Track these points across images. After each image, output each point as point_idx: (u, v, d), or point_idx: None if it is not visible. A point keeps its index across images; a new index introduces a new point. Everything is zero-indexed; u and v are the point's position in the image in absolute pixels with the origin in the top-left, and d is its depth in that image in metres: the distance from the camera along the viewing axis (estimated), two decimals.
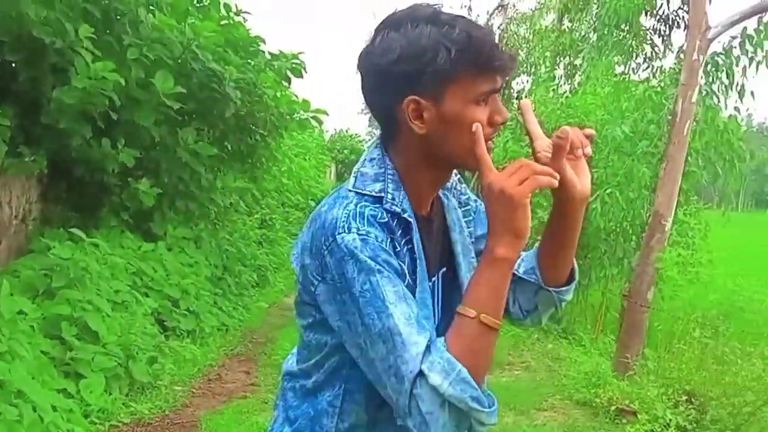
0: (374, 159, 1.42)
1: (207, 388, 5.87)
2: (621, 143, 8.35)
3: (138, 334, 5.51)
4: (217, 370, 6.38)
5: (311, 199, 18.48)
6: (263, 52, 8.70)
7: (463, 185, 1.63)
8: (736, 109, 7.99)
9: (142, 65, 6.46)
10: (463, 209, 1.60)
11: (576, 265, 1.63)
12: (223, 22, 7.99)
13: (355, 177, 1.40)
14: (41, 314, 4.94)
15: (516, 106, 13.55)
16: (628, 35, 10.28)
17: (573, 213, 1.51)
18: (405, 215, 1.36)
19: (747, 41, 7.44)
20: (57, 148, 6.46)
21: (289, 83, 9.25)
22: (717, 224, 9.09)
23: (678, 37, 10.08)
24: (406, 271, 1.34)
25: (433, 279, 1.46)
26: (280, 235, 12.99)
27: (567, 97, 11.15)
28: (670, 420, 5.09)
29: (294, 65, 8.99)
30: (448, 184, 1.55)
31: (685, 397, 5.36)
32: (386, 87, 1.35)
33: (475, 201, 1.64)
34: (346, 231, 1.28)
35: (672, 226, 7.07)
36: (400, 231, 1.35)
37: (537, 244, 1.63)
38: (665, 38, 10.29)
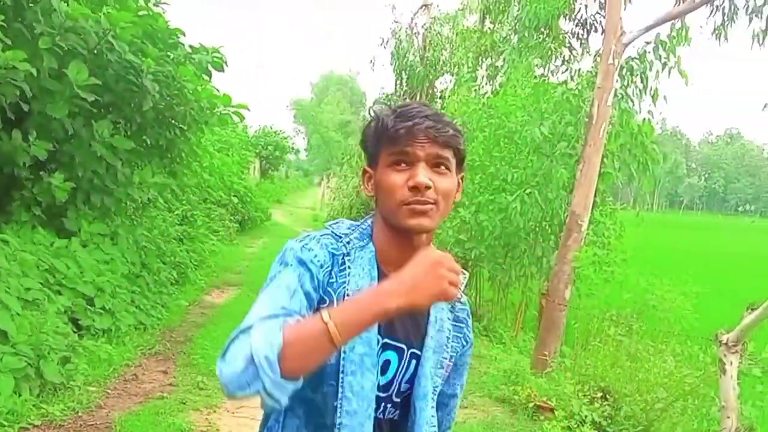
0: (362, 219, 1.66)
1: (123, 389, 5.69)
2: (540, 144, 8.51)
3: (50, 334, 5.30)
4: (134, 369, 6.20)
5: (234, 195, 18.24)
6: (183, 44, 8.51)
7: (466, 310, 1.76)
8: (650, 112, 8.26)
9: (55, 55, 6.23)
10: (454, 324, 1.71)
11: None
12: (141, 13, 7.75)
13: (331, 227, 1.64)
14: None
15: (440, 105, 13.67)
16: (547, 38, 10.49)
17: None
18: (349, 252, 1.57)
19: (660, 47, 7.69)
20: None
21: (210, 77, 9.09)
22: (632, 224, 9.36)
23: (595, 40, 10.36)
24: (335, 298, 1.51)
25: (399, 344, 1.57)
26: (202, 232, 12.76)
27: (488, 97, 11.29)
28: (586, 416, 5.21)
29: (215, 58, 8.82)
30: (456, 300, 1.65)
31: (600, 394, 5.50)
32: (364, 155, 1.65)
33: (469, 339, 1.77)
34: (298, 242, 1.56)
35: (588, 226, 7.26)
36: (342, 266, 1.54)
37: None
38: (583, 41, 10.55)
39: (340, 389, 1.49)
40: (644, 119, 8.31)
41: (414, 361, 1.59)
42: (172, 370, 6.35)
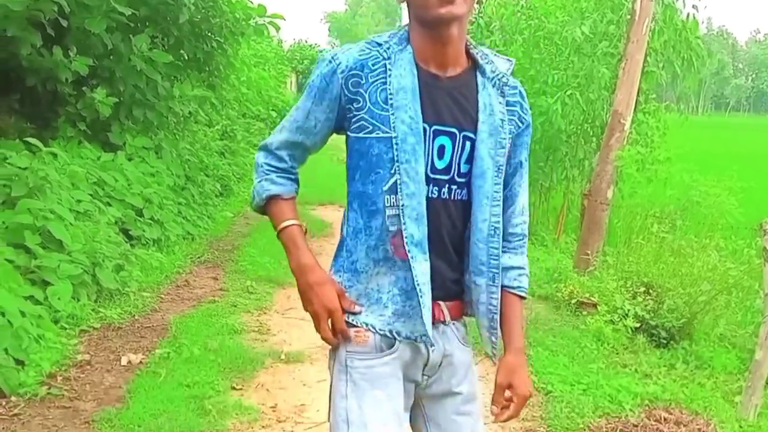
0: (397, 28, 1.80)
1: (175, 294, 5.90)
2: (581, 44, 8.33)
3: (103, 243, 5.47)
4: (185, 276, 6.40)
5: (272, 110, 18.25)
6: None
7: (518, 87, 1.84)
8: (694, 7, 8.00)
9: None
10: (508, 108, 1.79)
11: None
12: None
13: (378, 35, 1.78)
14: (2, 223, 4.88)
15: (477, 9, 13.35)
16: None
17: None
18: (389, 57, 1.70)
19: None
20: (6, 57, 6.25)
21: None
22: (677, 125, 9.20)
23: None
24: (371, 106, 1.69)
25: (451, 129, 1.72)
26: (242, 146, 12.85)
27: None
28: (629, 310, 5.26)
29: None
30: (497, 72, 1.79)
31: (642, 289, 5.52)
32: None
33: (525, 120, 1.86)
34: (330, 55, 1.75)
35: (631, 125, 7.15)
36: (378, 68, 1.69)
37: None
38: None
39: (397, 176, 1.66)
40: (688, 14, 8.06)
41: (468, 143, 1.74)
42: (221, 276, 6.53)
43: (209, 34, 8.66)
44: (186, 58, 8.67)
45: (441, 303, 1.78)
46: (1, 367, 3.78)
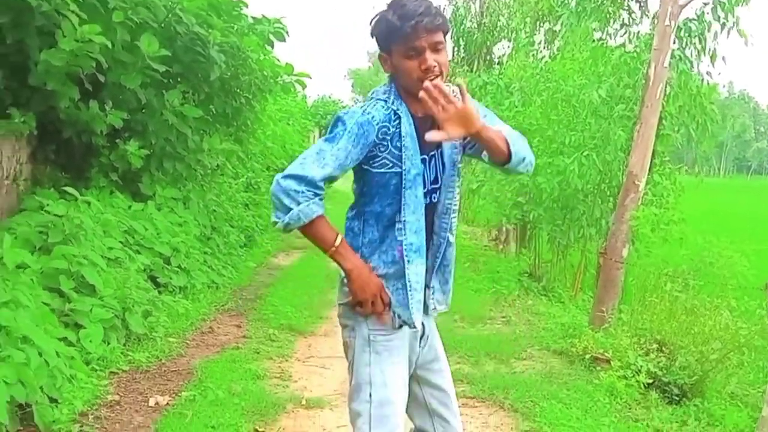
0: (384, 85, 2.35)
1: (200, 340, 6.09)
2: (598, 107, 8.56)
3: (132, 289, 5.69)
4: (209, 323, 6.60)
5: None
6: (246, 15, 8.82)
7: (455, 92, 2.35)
8: (708, 73, 8.22)
9: (127, 28, 6.55)
10: None
11: (510, 147, 2.33)
12: None
13: (371, 93, 2.35)
14: (39, 268, 5.11)
15: (497, 71, 13.70)
16: (606, 1, 10.43)
17: (477, 140, 2.29)
18: (399, 111, 2.25)
19: (718, 7, 7.66)
20: (45, 109, 6.56)
21: (272, 47, 9.38)
22: (694, 188, 9.37)
23: (654, 2, 10.25)
24: (392, 149, 2.25)
25: (432, 154, 2.34)
26: (266, 198, 13.12)
27: (546, 62, 11.32)
28: (641, 366, 5.37)
29: (276, 29, 9.14)
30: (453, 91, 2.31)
31: (655, 346, 5.64)
32: (377, 47, 2.31)
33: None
34: (360, 109, 2.25)
35: (646, 186, 7.33)
36: (395, 121, 2.25)
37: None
38: (642, 4, 10.44)
39: (402, 199, 2.27)
40: (702, 80, 8.28)
41: (442, 156, 2.37)
42: (244, 324, 6.72)
43: (238, 90, 9.00)
44: (215, 112, 8.99)
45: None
46: (37, 404, 3.96)
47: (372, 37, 2.28)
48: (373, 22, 2.25)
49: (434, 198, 2.35)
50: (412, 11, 2.13)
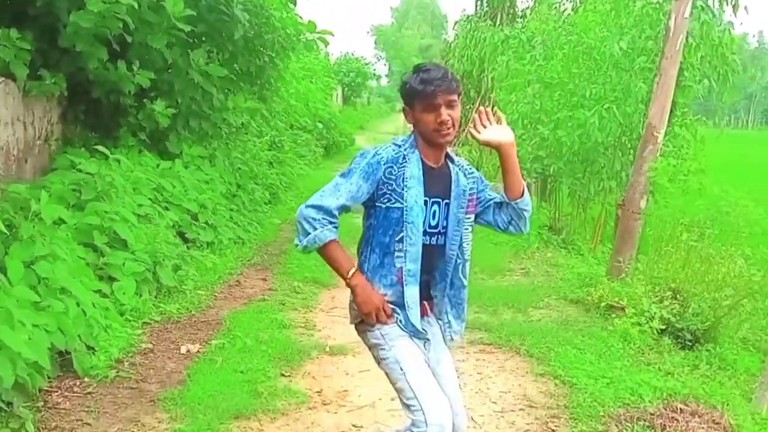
0: (406, 134, 2.76)
1: (228, 293, 6.34)
2: (619, 59, 8.56)
3: (162, 244, 5.93)
4: (236, 277, 6.84)
5: (318, 121, 18.72)
6: None
7: (473, 169, 2.84)
8: (730, 23, 8.18)
9: None
10: (468, 178, 2.76)
11: (525, 186, 2.76)
12: None
13: (393, 138, 2.77)
14: (74, 224, 5.34)
15: (520, 25, 13.65)
16: None
17: (504, 157, 2.68)
18: (407, 155, 2.63)
19: None
20: (75, 70, 6.74)
21: (295, 5, 9.47)
22: (724, 139, 9.35)
23: None
24: (395, 186, 2.60)
25: (436, 201, 2.68)
26: (290, 156, 13.33)
27: (568, 15, 11.27)
28: (655, 313, 5.52)
29: None
30: (461, 164, 2.78)
31: (670, 294, 5.78)
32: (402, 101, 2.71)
33: (478, 175, 2.85)
34: (373, 149, 2.66)
35: (665, 138, 7.38)
36: (403, 163, 2.62)
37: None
38: None
39: (404, 230, 2.61)
40: (725, 30, 8.25)
41: (446, 206, 2.71)
42: (270, 277, 6.95)
43: (262, 49, 9.12)
44: (239, 71, 9.13)
45: (425, 303, 2.76)
46: (76, 351, 4.22)
47: (399, 93, 2.73)
48: (401, 83, 2.68)
49: (434, 241, 2.69)
50: (433, 77, 2.55)
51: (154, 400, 3.99)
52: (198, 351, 4.81)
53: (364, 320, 2.67)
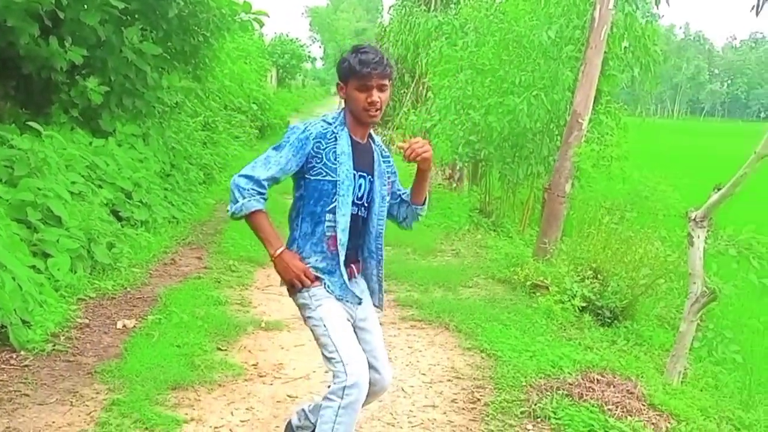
0: (337, 110, 2.93)
1: (163, 271, 6.38)
2: (547, 48, 8.83)
3: (96, 221, 5.93)
4: (171, 255, 6.88)
5: (253, 103, 18.64)
6: None
7: (388, 153, 3.05)
8: (654, 15, 8.54)
9: None
10: (384, 159, 2.98)
11: (428, 196, 3.08)
12: None
13: (323, 115, 2.91)
14: (7, 200, 5.31)
15: (453, 11, 13.83)
16: None
17: (421, 172, 2.92)
18: (337, 132, 2.81)
19: None
20: (5, 45, 6.66)
21: None
22: (650, 129, 9.74)
23: None
24: (326, 161, 2.77)
25: (362, 175, 2.86)
26: (224, 137, 13.29)
27: (500, 3, 11.50)
28: (577, 291, 5.81)
29: None
30: (380, 145, 2.99)
31: (591, 273, 6.07)
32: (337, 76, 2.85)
33: (392, 162, 3.07)
34: (302, 125, 2.81)
35: (589, 124, 7.69)
36: (332, 139, 2.80)
37: (411, 185, 3.04)
38: None
39: (336, 202, 2.78)
40: (647, 22, 8.61)
41: (370, 181, 2.91)
42: (205, 256, 7.01)
43: (196, 28, 9.08)
44: (174, 50, 9.10)
45: (353, 265, 2.94)
46: (12, 325, 4.24)
47: (336, 69, 2.85)
48: (340, 60, 2.80)
49: (360, 212, 2.89)
50: (370, 59, 2.71)
51: (92, 372, 4.05)
52: (134, 326, 4.87)
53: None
